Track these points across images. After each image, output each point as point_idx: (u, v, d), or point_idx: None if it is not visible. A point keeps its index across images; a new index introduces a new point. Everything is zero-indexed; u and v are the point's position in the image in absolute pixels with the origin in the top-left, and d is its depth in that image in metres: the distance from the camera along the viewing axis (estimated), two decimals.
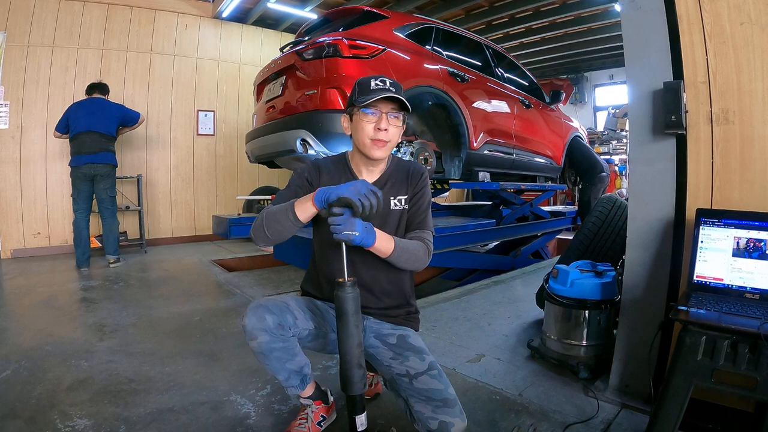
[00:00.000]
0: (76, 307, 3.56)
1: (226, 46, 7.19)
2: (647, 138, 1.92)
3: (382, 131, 1.54)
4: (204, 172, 7.04)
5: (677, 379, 1.39)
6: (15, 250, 5.58)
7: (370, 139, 1.55)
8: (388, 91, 1.52)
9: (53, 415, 1.89)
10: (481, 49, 4.72)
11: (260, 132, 4.02)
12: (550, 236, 6.09)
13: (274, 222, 1.46)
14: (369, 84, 1.54)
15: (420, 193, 1.69)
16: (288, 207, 1.44)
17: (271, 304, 1.53)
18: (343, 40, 3.34)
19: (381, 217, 1.58)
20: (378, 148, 1.56)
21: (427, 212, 1.69)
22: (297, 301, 1.64)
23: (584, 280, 2.36)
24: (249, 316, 1.50)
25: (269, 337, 1.49)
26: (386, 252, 1.48)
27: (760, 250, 1.52)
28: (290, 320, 1.52)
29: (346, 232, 1.32)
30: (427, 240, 1.63)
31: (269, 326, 1.47)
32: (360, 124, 1.56)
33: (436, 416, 1.38)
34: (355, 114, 1.57)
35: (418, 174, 1.70)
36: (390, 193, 1.65)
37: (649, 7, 1.89)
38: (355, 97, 1.56)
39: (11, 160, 5.54)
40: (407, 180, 1.69)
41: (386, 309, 1.68)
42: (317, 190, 1.40)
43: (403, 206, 1.67)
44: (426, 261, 1.62)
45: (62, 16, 5.72)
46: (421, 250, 1.59)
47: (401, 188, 1.67)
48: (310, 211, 1.42)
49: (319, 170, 1.66)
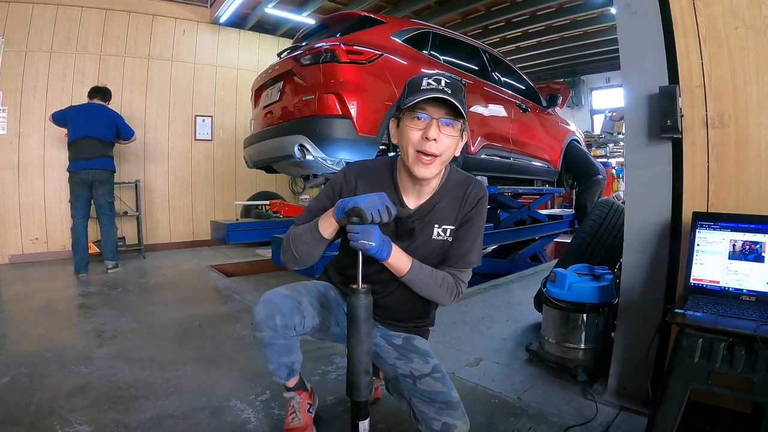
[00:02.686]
0: (75, 313, 3.56)
1: (224, 51, 7.20)
2: (643, 142, 1.94)
3: (430, 141, 1.31)
4: (202, 178, 7.03)
5: (675, 381, 1.40)
6: (13, 255, 5.56)
7: (415, 151, 1.34)
8: (440, 91, 1.29)
9: (53, 421, 1.89)
10: (477, 53, 4.74)
11: (258, 137, 4.02)
12: (548, 239, 6.11)
13: (300, 242, 1.42)
14: (420, 83, 1.32)
15: (470, 221, 1.48)
16: (312, 225, 1.39)
17: (283, 305, 1.48)
18: (341, 46, 3.35)
19: (420, 247, 1.46)
20: (424, 165, 1.34)
21: (472, 246, 1.48)
22: (310, 295, 1.57)
23: (582, 284, 2.37)
24: (260, 308, 1.48)
25: (273, 334, 1.48)
26: (401, 271, 1.39)
27: (756, 252, 1.53)
28: (297, 321, 1.49)
29: (363, 241, 1.27)
30: (459, 279, 1.47)
31: (276, 325, 1.46)
32: (405, 131, 1.35)
33: (439, 418, 1.38)
34: (402, 119, 1.37)
35: (474, 199, 1.48)
36: (436, 220, 1.47)
37: (644, 11, 1.90)
38: (403, 98, 1.35)
39: (9, 166, 5.54)
40: (460, 205, 1.48)
41: (399, 324, 1.65)
42: (338, 202, 1.33)
43: (447, 237, 1.48)
44: (448, 300, 1.47)
45: (60, 21, 5.73)
46: (445, 285, 1.44)
47: (450, 215, 1.47)
48: (333, 226, 1.36)
49: (356, 181, 1.49)
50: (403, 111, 1.35)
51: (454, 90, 1.31)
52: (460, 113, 1.33)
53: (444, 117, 1.32)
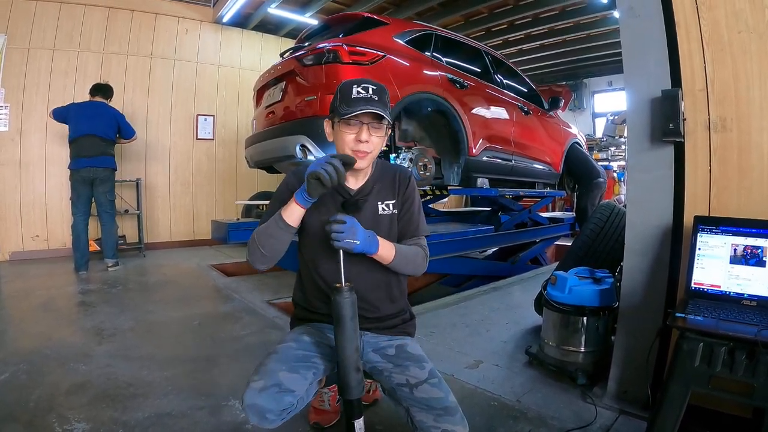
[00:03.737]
0: (75, 310, 3.56)
1: (227, 50, 7.21)
2: (645, 145, 1.93)
3: (363, 143, 1.49)
4: (203, 177, 7.04)
5: (675, 385, 1.40)
6: (13, 252, 5.57)
7: (351, 150, 1.50)
8: (369, 101, 1.46)
9: (51, 418, 1.89)
10: (480, 55, 4.74)
11: (260, 137, 4.03)
12: (549, 242, 6.10)
13: (265, 237, 1.46)
14: (351, 91, 1.48)
15: (410, 199, 1.67)
16: (275, 217, 1.45)
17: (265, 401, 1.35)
18: (343, 46, 3.36)
19: (371, 222, 1.56)
20: (359, 158, 1.50)
21: (420, 218, 1.68)
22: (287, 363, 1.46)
23: (582, 287, 2.36)
24: (249, 414, 1.36)
25: (276, 419, 1.38)
26: (388, 258, 1.50)
27: (757, 257, 1.53)
28: (288, 400, 1.38)
29: (348, 240, 1.34)
30: (423, 246, 1.64)
31: (274, 418, 1.36)
32: (341, 135, 1.51)
33: (438, 425, 1.38)
34: (337, 123, 1.52)
35: (405, 179, 1.67)
36: (377, 198, 1.63)
37: (648, 15, 1.90)
38: (337, 104, 1.51)
39: (11, 163, 5.54)
40: (394, 185, 1.66)
41: (382, 320, 1.65)
42: (296, 192, 1.43)
43: (392, 210, 1.64)
44: (424, 266, 1.63)
45: (63, 19, 5.73)
46: (420, 255, 1.61)
47: (388, 193, 1.65)
48: (298, 212, 1.43)
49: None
50: (337, 117, 1.50)
51: (380, 95, 1.49)
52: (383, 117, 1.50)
53: (372, 122, 1.49)
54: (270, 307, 3.60)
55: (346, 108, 1.47)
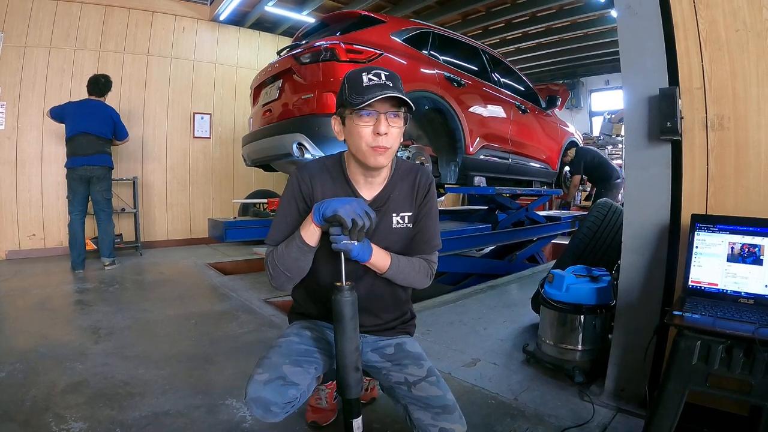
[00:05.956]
0: (71, 309, 3.54)
1: (223, 49, 7.18)
2: (643, 144, 1.94)
3: (382, 136, 1.33)
4: (200, 175, 7.02)
5: (672, 383, 1.40)
6: (9, 251, 5.55)
7: (369, 147, 1.35)
8: (385, 87, 1.31)
9: (48, 417, 1.88)
10: (477, 54, 4.74)
11: (257, 135, 4.02)
12: (546, 241, 6.11)
13: (290, 261, 1.40)
14: (361, 79, 1.32)
15: (426, 209, 1.53)
16: (295, 238, 1.38)
17: (270, 393, 1.34)
18: (341, 45, 3.35)
19: (383, 237, 1.47)
20: (379, 154, 1.36)
21: (433, 232, 1.55)
22: (289, 357, 1.45)
23: (580, 285, 2.37)
24: (253, 408, 1.35)
25: (280, 412, 1.37)
26: (382, 268, 1.43)
27: (754, 255, 1.53)
28: (292, 393, 1.37)
29: (345, 242, 1.29)
30: (431, 261, 1.55)
31: (278, 411, 1.35)
32: (355, 129, 1.34)
33: (436, 423, 1.36)
34: (348, 117, 1.37)
35: (426, 185, 1.53)
36: (393, 210, 1.50)
37: (645, 13, 1.90)
38: (345, 96, 1.34)
39: (7, 161, 5.52)
40: (413, 193, 1.52)
41: (383, 324, 1.63)
42: (314, 208, 1.33)
43: (407, 224, 1.52)
44: (426, 283, 1.55)
45: (59, 17, 5.71)
46: (422, 271, 1.52)
47: (405, 203, 1.51)
48: (317, 233, 1.35)
49: (312, 183, 1.48)
50: (350, 110, 1.35)
51: (394, 81, 1.34)
52: (402, 101, 1.34)
53: (390, 110, 1.34)
54: (267, 306, 3.59)
55: (357, 97, 1.31)
